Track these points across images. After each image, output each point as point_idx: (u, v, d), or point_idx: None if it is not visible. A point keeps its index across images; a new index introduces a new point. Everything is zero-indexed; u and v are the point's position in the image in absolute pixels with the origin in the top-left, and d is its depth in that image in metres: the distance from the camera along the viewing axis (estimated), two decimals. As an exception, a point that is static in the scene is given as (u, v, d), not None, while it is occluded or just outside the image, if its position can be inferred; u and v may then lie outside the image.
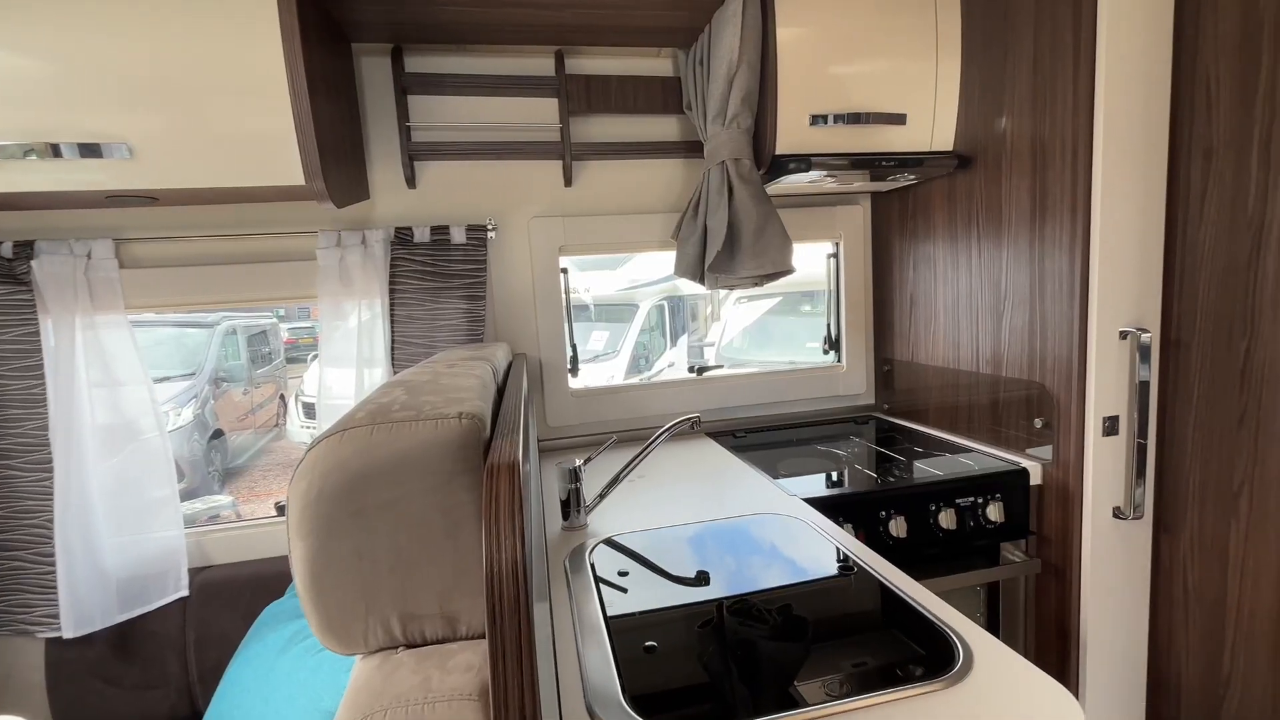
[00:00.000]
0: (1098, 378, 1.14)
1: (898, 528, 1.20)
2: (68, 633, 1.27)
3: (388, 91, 1.43)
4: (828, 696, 0.66)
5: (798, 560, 0.96)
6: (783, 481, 1.29)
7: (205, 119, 1.06)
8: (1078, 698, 1.21)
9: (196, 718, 1.37)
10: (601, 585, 0.92)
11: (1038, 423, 1.26)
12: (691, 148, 1.57)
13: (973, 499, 1.25)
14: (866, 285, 1.79)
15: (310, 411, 4.72)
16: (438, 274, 1.43)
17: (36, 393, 1.27)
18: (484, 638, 0.59)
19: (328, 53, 1.20)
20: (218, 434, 4.75)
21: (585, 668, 0.72)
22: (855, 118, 1.33)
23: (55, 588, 1.27)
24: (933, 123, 1.39)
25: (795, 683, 0.70)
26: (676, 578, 0.93)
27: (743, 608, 0.85)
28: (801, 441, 1.60)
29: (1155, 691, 1.23)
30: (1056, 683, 0.65)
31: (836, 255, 1.79)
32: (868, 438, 1.59)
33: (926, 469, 1.31)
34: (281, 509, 1.59)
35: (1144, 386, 1.13)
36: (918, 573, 0.95)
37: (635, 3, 1.27)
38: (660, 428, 1.14)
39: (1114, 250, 1.12)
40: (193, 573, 1.38)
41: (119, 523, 1.33)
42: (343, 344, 1.41)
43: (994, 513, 1.24)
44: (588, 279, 3.96)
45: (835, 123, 1.33)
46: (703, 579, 0.92)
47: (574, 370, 1.65)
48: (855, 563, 0.94)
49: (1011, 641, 1.29)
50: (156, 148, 1.05)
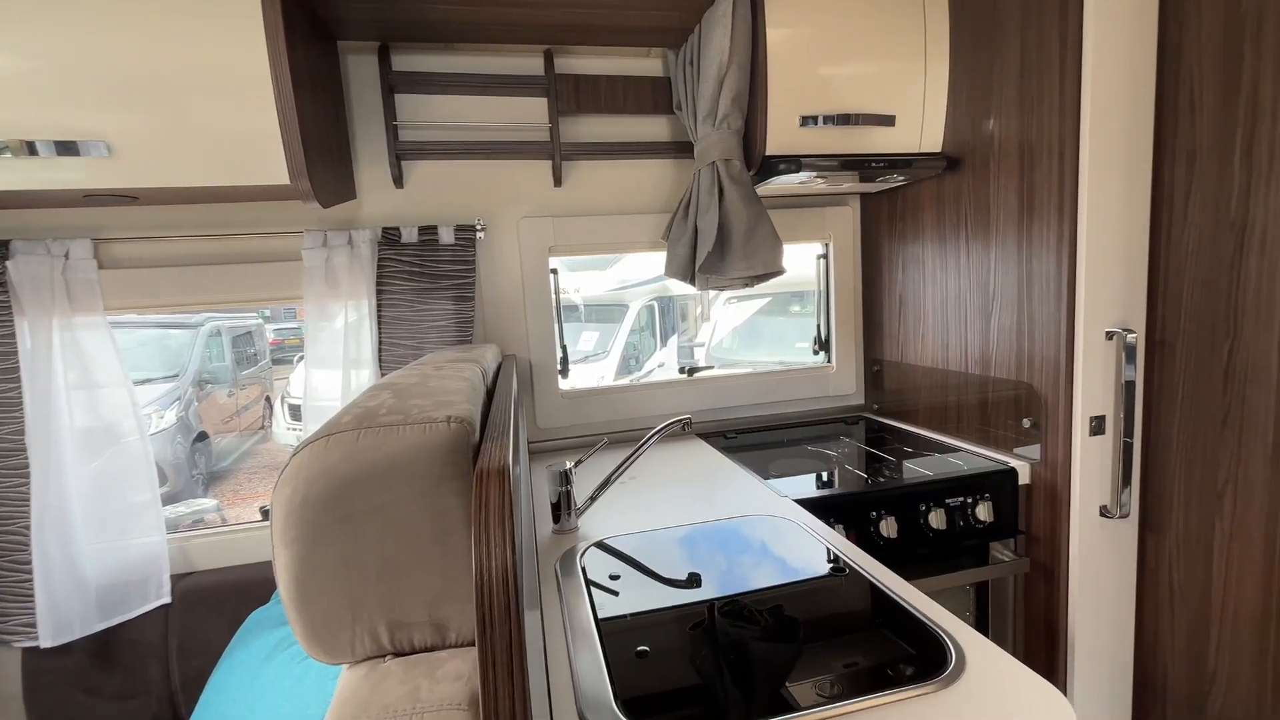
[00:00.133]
0: (1085, 378, 1.15)
1: (888, 528, 1.20)
2: (45, 642, 1.24)
3: (375, 90, 1.41)
4: (819, 697, 0.66)
5: (789, 561, 0.96)
6: (774, 482, 1.28)
7: (186, 117, 1.04)
8: (1066, 696, 1.22)
9: (179, 727, 1.34)
10: (593, 589, 0.91)
11: (1026, 422, 1.27)
12: (681, 148, 1.57)
13: (962, 499, 1.25)
14: (856, 286, 1.80)
15: (296, 413, 4.66)
16: (426, 275, 1.42)
17: (12, 396, 1.24)
18: (474, 645, 0.59)
19: (313, 50, 1.18)
20: (202, 436, 4.68)
21: (576, 673, 0.72)
22: (845, 119, 1.33)
23: (32, 596, 1.24)
24: (921, 124, 1.40)
25: (787, 684, 0.69)
26: (668, 580, 0.93)
27: (734, 609, 0.85)
28: (792, 442, 1.60)
29: (1141, 689, 1.25)
30: (1049, 684, 0.65)
31: (826, 256, 1.80)
32: (858, 438, 1.60)
33: (916, 469, 1.31)
34: (266, 513, 1.57)
35: (1130, 386, 1.15)
36: (908, 573, 0.95)
37: (625, 2, 1.27)
38: (651, 429, 1.13)
39: (1100, 251, 1.13)
40: (175, 579, 1.36)
41: (99, 528, 1.30)
42: (329, 346, 1.39)
43: (983, 512, 1.25)
44: (577, 279, 3.95)
45: (825, 124, 1.33)
46: (694, 581, 0.92)
47: (564, 371, 1.64)
48: (846, 564, 0.94)
49: (1000, 640, 1.30)
50: (136, 146, 1.03)
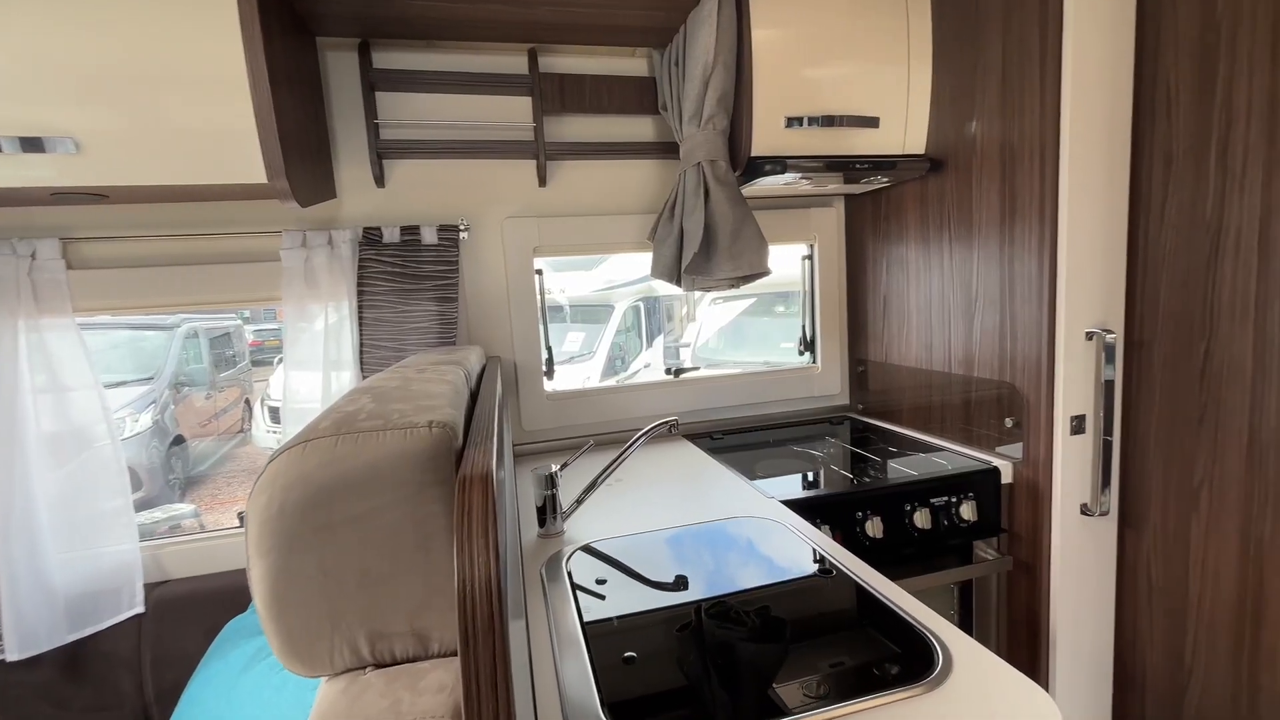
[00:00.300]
0: (1065, 377, 1.16)
1: (874, 528, 1.20)
2: (11, 655, 1.21)
3: (355, 88, 1.39)
4: (807, 698, 0.66)
5: (776, 562, 0.96)
6: (760, 483, 1.28)
7: (158, 113, 1.01)
8: (1047, 692, 1.24)
9: (153, 740, 1.31)
10: (579, 593, 0.90)
11: (1008, 422, 1.28)
12: (667, 148, 1.56)
13: (946, 498, 1.26)
14: (840, 286, 1.81)
15: (277, 416, 4.58)
16: (408, 275, 1.39)
17: (-24, 401, 1.20)
18: (457, 655, 0.57)
19: (291, 45, 1.16)
20: (178, 440, 4.58)
21: (562, 680, 0.71)
22: (829, 120, 1.34)
23: (-2, 607, 1.21)
24: (905, 126, 1.41)
25: (774, 685, 0.69)
26: (655, 583, 0.92)
27: (721, 610, 0.84)
28: (778, 443, 1.60)
29: (1121, 684, 1.27)
30: (1036, 685, 0.65)
31: (811, 257, 1.80)
32: (843, 438, 1.61)
33: (901, 469, 1.32)
34: (244, 519, 1.53)
35: (1109, 386, 1.16)
36: (894, 572, 0.95)
37: (610, 1, 1.26)
38: (638, 431, 1.13)
39: (1080, 253, 1.14)
40: (149, 587, 1.32)
41: (68, 537, 1.26)
42: (309, 347, 1.36)
43: (967, 511, 1.26)
44: (563, 280, 3.92)
45: (810, 125, 1.33)
46: (681, 583, 0.91)
47: (549, 373, 1.62)
48: (833, 564, 0.94)
49: (984, 639, 1.31)
50: (105, 142, 1.00)
